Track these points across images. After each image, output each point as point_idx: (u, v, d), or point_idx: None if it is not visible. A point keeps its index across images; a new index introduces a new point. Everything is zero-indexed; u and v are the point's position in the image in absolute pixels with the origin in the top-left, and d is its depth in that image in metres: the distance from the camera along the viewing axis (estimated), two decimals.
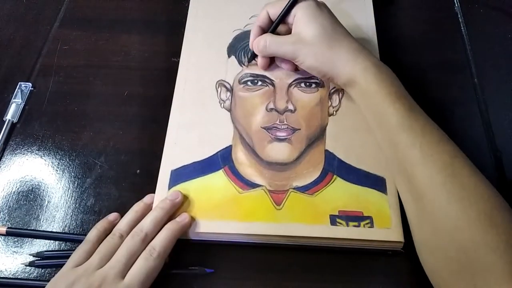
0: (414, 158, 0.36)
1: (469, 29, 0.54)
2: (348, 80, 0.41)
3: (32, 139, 0.48)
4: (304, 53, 0.42)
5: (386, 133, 0.39)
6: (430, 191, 0.35)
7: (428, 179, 0.35)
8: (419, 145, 0.36)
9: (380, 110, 0.39)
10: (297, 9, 0.43)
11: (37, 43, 0.55)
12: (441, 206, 0.34)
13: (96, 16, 0.57)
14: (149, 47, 0.54)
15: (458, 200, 0.34)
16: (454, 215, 0.33)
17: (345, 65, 0.41)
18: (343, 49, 0.41)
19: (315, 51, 0.42)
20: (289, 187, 0.42)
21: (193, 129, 0.45)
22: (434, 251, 0.36)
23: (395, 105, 0.38)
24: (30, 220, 0.43)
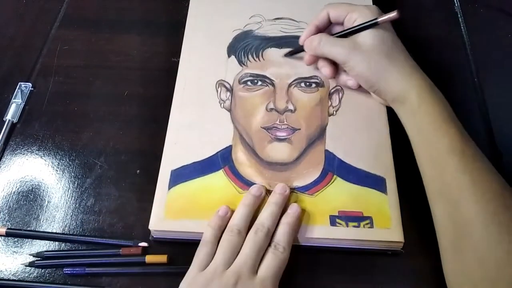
0: (464, 183, 0.35)
1: (469, 29, 0.54)
2: (399, 96, 0.40)
3: (32, 139, 0.48)
4: (358, 59, 0.41)
5: (434, 154, 0.38)
6: (480, 219, 0.34)
7: (478, 206, 0.34)
8: (470, 172, 0.35)
9: (431, 131, 0.38)
10: (359, 15, 0.42)
11: (37, 43, 0.55)
12: (490, 236, 0.33)
13: (96, 16, 0.57)
14: (149, 47, 0.54)
15: (509, 231, 0.33)
16: (506, 247, 0.32)
17: (399, 80, 0.40)
18: (399, 63, 0.40)
19: (370, 60, 0.41)
20: (289, 187, 0.42)
21: (193, 129, 0.45)
22: (476, 283, 0.34)
23: (448, 127, 0.37)
24: (30, 220, 0.43)
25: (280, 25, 0.51)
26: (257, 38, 0.50)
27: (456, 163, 0.36)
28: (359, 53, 0.41)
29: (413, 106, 0.39)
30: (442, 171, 0.37)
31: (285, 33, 0.50)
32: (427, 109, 0.38)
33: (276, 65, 0.48)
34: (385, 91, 0.41)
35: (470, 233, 0.34)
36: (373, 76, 0.41)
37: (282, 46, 0.49)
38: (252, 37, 0.50)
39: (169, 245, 0.41)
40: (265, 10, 0.52)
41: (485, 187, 0.34)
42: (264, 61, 0.48)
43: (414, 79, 0.40)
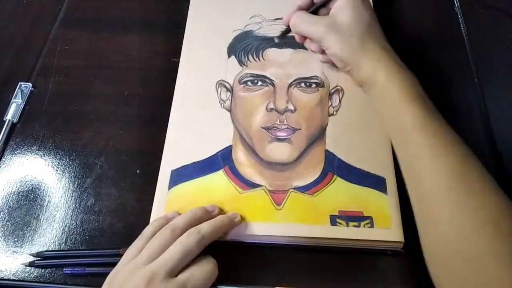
0: (423, 159, 0.35)
1: (469, 29, 0.54)
2: (368, 77, 0.41)
3: (32, 139, 0.48)
4: (333, 39, 0.41)
5: (400, 132, 0.38)
6: (436, 195, 0.34)
7: (435, 181, 0.34)
8: (430, 146, 0.35)
9: (397, 110, 0.38)
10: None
11: (37, 43, 0.55)
12: (445, 211, 0.33)
13: (96, 16, 0.57)
14: (149, 47, 0.54)
15: (463, 206, 0.33)
16: (458, 222, 0.32)
17: (369, 62, 0.40)
18: (371, 46, 0.41)
19: (344, 40, 0.41)
20: (289, 187, 0.42)
21: (193, 129, 0.45)
22: (438, 260, 0.34)
23: (412, 106, 0.37)
24: (30, 220, 0.43)
25: (280, 25, 0.50)
26: (257, 38, 0.50)
27: (417, 138, 0.36)
28: (334, 33, 0.41)
29: (381, 87, 0.39)
30: (406, 147, 0.37)
31: None
32: (394, 89, 0.39)
33: (276, 65, 0.48)
34: (356, 73, 0.42)
35: (430, 208, 0.34)
36: (345, 57, 0.41)
37: (282, 46, 0.49)
38: (252, 37, 0.50)
39: None
40: (265, 10, 0.52)
41: (443, 160, 0.35)
42: (264, 61, 0.48)
43: (383, 61, 0.40)
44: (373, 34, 0.42)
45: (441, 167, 0.34)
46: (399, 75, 0.39)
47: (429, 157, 0.35)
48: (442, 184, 0.34)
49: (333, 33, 0.41)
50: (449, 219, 0.33)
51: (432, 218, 0.34)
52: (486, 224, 0.31)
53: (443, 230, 0.33)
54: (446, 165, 0.34)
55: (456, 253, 0.32)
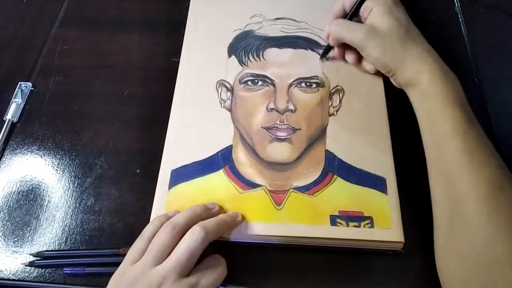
0: (462, 164, 0.36)
1: (469, 29, 0.54)
2: (411, 78, 0.41)
3: (32, 139, 0.48)
4: (375, 43, 0.42)
5: (438, 136, 0.38)
6: (472, 199, 0.34)
7: (473, 186, 0.35)
8: (470, 153, 0.36)
9: (437, 113, 0.38)
10: (374, 3, 0.43)
11: (37, 43, 0.55)
12: (481, 215, 0.34)
13: (96, 16, 0.57)
14: (149, 47, 0.54)
15: (499, 213, 0.33)
16: (493, 227, 0.33)
17: (412, 64, 0.41)
18: (413, 48, 0.41)
19: (386, 44, 0.42)
20: (289, 187, 0.42)
21: (194, 129, 0.45)
22: (462, 260, 0.35)
23: (453, 110, 0.38)
24: (30, 220, 0.43)
25: (280, 25, 0.51)
26: (258, 38, 0.50)
27: (457, 144, 0.36)
28: (375, 38, 0.42)
29: (423, 90, 0.40)
30: (443, 151, 0.37)
31: (285, 33, 0.50)
32: (435, 92, 0.39)
33: (276, 65, 0.48)
34: (399, 75, 0.42)
35: (462, 211, 0.35)
36: (388, 61, 0.42)
37: (283, 46, 0.49)
38: (253, 37, 0.50)
39: None
40: (266, 10, 0.52)
41: (481, 168, 0.35)
42: (265, 61, 0.48)
43: (426, 63, 0.40)
44: (414, 36, 0.43)
45: (481, 174, 0.35)
46: (443, 78, 0.39)
47: (469, 163, 0.35)
48: (481, 191, 0.34)
49: (374, 38, 0.42)
50: (485, 224, 0.33)
51: (465, 220, 0.35)
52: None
53: (476, 232, 0.34)
54: (485, 173, 0.35)
55: (485, 255, 0.33)
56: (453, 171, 0.36)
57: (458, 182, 0.36)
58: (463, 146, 0.36)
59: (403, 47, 0.41)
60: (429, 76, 0.40)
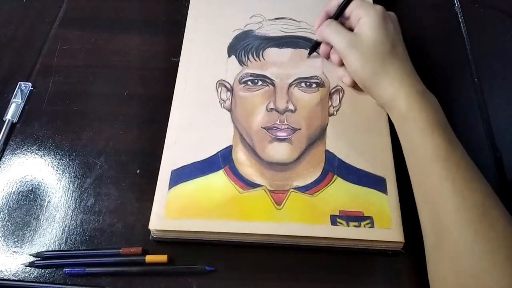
0: (445, 191, 0.35)
1: (469, 29, 0.54)
2: (389, 101, 0.40)
3: (32, 139, 0.48)
4: (355, 56, 0.41)
5: (419, 161, 0.38)
6: (456, 226, 0.34)
7: (456, 214, 0.34)
8: (452, 179, 0.35)
9: (417, 138, 0.38)
10: (364, 13, 0.42)
11: (37, 43, 0.55)
12: (466, 244, 0.33)
13: (96, 16, 0.57)
14: (149, 47, 0.54)
15: (485, 240, 0.32)
16: (479, 255, 0.32)
17: (389, 85, 0.40)
18: (393, 68, 0.40)
19: (366, 59, 0.41)
20: (289, 187, 0.42)
21: (193, 129, 0.45)
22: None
23: (433, 135, 0.37)
24: (30, 220, 0.43)
25: (280, 25, 0.51)
26: (258, 38, 0.50)
27: (439, 170, 0.36)
28: (357, 50, 0.41)
29: (402, 113, 0.39)
30: (426, 177, 0.37)
31: (285, 33, 0.50)
32: (414, 116, 0.38)
33: (276, 65, 0.48)
34: (377, 95, 0.42)
35: (446, 240, 0.34)
36: (366, 77, 0.41)
37: (283, 46, 0.49)
38: (253, 37, 0.50)
39: (169, 245, 0.41)
40: (266, 10, 0.52)
41: (465, 195, 0.34)
42: (265, 61, 0.48)
43: (403, 87, 0.40)
44: (397, 56, 0.41)
45: (464, 200, 0.34)
46: (421, 102, 0.39)
47: (452, 190, 0.35)
48: (465, 218, 0.34)
49: (356, 50, 0.41)
50: (470, 252, 0.33)
51: (451, 249, 0.34)
52: (508, 260, 0.31)
53: (462, 262, 0.33)
54: (469, 200, 0.34)
55: (473, 286, 0.32)
56: (437, 199, 0.36)
57: (442, 209, 0.35)
58: (445, 173, 0.35)
59: (383, 66, 0.40)
60: (407, 100, 0.39)
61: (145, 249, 0.41)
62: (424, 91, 0.40)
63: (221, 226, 0.40)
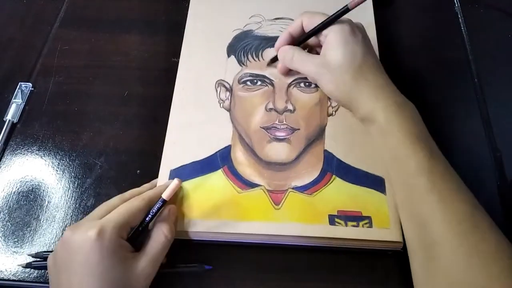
0: (432, 204, 0.34)
1: (469, 29, 0.54)
2: (367, 116, 0.39)
3: (32, 139, 0.48)
4: (326, 78, 0.40)
5: (403, 175, 0.37)
6: (447, 241, 0.33)
7: (447, 226, 0.33)
8: (438, 191, 0.34)
9: (399, 151, 0.37)
10: (330, 31, 0.41)
11: (37, 43, 0.55)
12: (460, 259, 0.32)
13: (96, 16, 0.57)
14: (149, 47, 0.54)
15: (478, 254, 0.32)
16: (474, 271, 0.31)
17: (366, 101, 0.39)
18: (366, 83, 0.39)
19: (338, 80, 0.40)
20: (288, 187, 0.42)
21: (193, 129, 0.45)
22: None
23: (415, 147, 0.36)
24: (30, 220, 0.43)
25: (280, 25, 0.51)
26: (257, 38, 0.50)
27: (424, 183, 0.35)
28: (327, 73, 0.40)
29: (381, 127, 0.38)
30: (411, 192, 0.36)
31: None
32: (394, 129, 0.37)
33: (275, 65, 0.48)
34: (355, 111, 0.41)
35: (438, 255, 0.33)
36: (342, 96, 0.40)
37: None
38: (252, 37, 0.50)
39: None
40: (265, 10, 0.52)
41: (454, 207, 0.34)
42: (264, 61, 0.48)
43: (380, 99, 0.38)
44: (368, 69, 0.40)
45: (453, 212, 0.33)
46: (399, 114, 0.38)
47: (439, 202, 0.34)
48: (457, 231, 0.33)
49: (326, 72, 0.40)
50: (464, 267, 0.32)
51: (443, 266, 0.33)
52: (504, 273, 0.31)
53: (457, 278, 0.32)
54: (458, 211, 0.33)
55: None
56: (424, 213, 0.34)
57: (430, 224, 0.34)
58: (431, 185, 0.34)
59: (356, 83, 0.39)
60: (384, 113, 0.38)
61: None
62: (401, 102, 0.39)
63: (219, 226, 0.40)
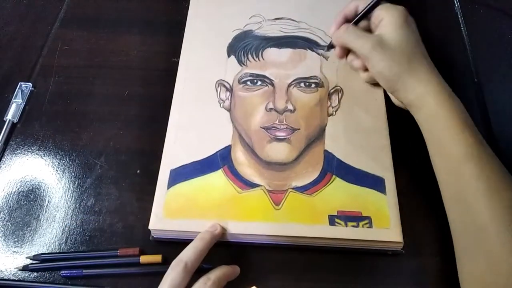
0: (479, 190, 0.35)
1: (469, 29, 0.54)
2: (417, 99, 0.40)
3: (32, 139, 0.48)
4: (381, 57, 0.41)
5: (449, 160, 0.37)
6: (494, 226, 0.33)
7: (492, 213, 0.34)
8: (486, 178, 0.35)
9: (447, 136, 0.37)
10: (387, 13, 0.42)
11: (37, 43, 0.55)
12: (504, 243, 0.33)
13: (96, 16, 0.57)
14: (149, 47, 0.54)
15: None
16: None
17: (417, 84, 0.39)
18: (420, 67, 0.40)
19: (393, 59, 0.40)
20: (288, 187, 0.42)
21: (193, 129, 0.45)
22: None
23: (464, 134, 0.36)
24: (30, 220, 0.43)
25: (280, 25, 0.51)
26: (257, 38, 0.50)
27: (472, 170, 0.35)
28: (382, 51, 0.41)
29: (431, 112, 0.39)
30: (457, 177, 0.36)
31: (285, 33, 0.50)
32: (444, 115, 0.38)
33: (275, 65, 0.48)
34: (403, 94, 0.41)
35: (483, 239, 0.34)
36: (392, 77, 0.41)
37: (282, 46, 0.49)
38: (252, 37, 0.50)
39: (169, 245, 0.41)
40: (265, 10, 0.52)
41: (500, 194, 0.34)
42: (264, 61, 0.48)
43: (432, 85, 0.39)
44: (420, 54, 0.41)
45: (501, 201, 0.34)
46: (450, 101, 0.38)
47: (487, 190, 0.34)
48: (502, 217, 0.33)
49: (381, 50, 0.41)
50: (508, 253, 0.33)
51: (488, 248, 0.34)
52: None
53: (500, 262, 0.33)
54: (504, 199, 0.34)
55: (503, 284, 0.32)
56: (470, 198, 0.35)
57: (477, 209, 0.35)
58: (479, 171, 0.35)
59: (409, 65, 0.40)
60: (436, 98, 0.38)
61: (143, 250, 0.41)
62: (450, 91, 0.39)
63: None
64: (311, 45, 0.49)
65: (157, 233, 0.41)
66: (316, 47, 0.49)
